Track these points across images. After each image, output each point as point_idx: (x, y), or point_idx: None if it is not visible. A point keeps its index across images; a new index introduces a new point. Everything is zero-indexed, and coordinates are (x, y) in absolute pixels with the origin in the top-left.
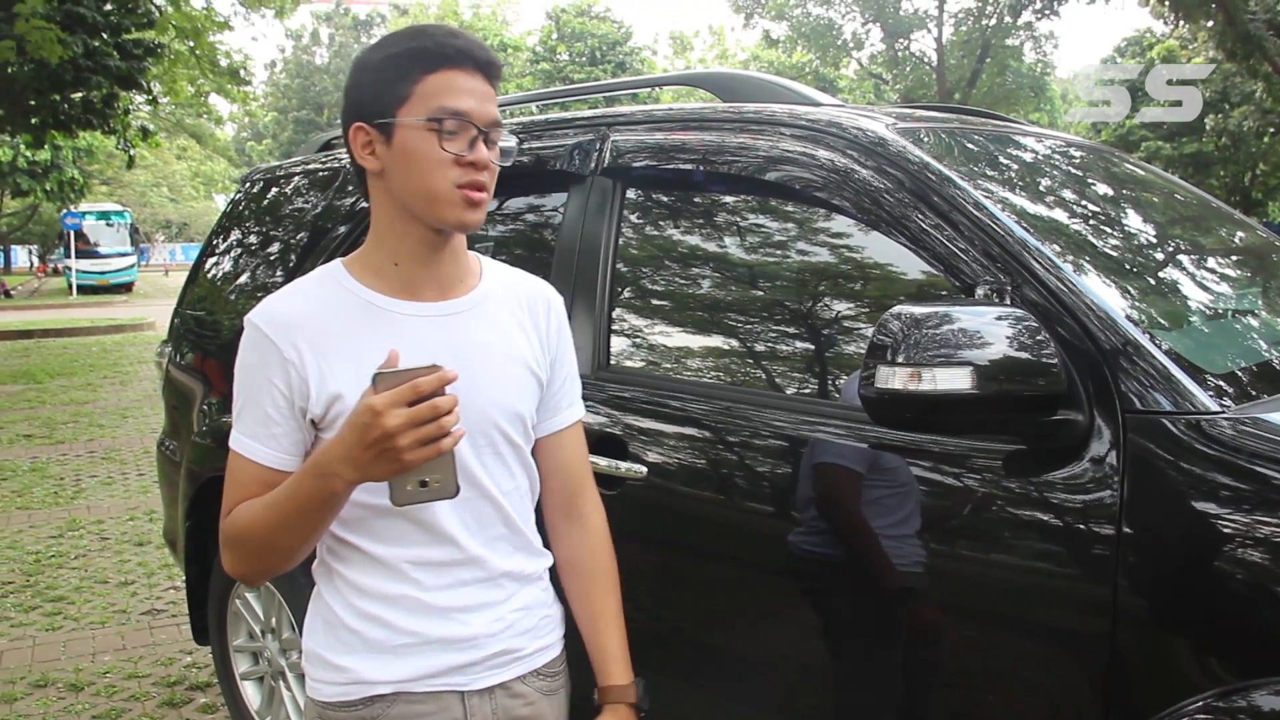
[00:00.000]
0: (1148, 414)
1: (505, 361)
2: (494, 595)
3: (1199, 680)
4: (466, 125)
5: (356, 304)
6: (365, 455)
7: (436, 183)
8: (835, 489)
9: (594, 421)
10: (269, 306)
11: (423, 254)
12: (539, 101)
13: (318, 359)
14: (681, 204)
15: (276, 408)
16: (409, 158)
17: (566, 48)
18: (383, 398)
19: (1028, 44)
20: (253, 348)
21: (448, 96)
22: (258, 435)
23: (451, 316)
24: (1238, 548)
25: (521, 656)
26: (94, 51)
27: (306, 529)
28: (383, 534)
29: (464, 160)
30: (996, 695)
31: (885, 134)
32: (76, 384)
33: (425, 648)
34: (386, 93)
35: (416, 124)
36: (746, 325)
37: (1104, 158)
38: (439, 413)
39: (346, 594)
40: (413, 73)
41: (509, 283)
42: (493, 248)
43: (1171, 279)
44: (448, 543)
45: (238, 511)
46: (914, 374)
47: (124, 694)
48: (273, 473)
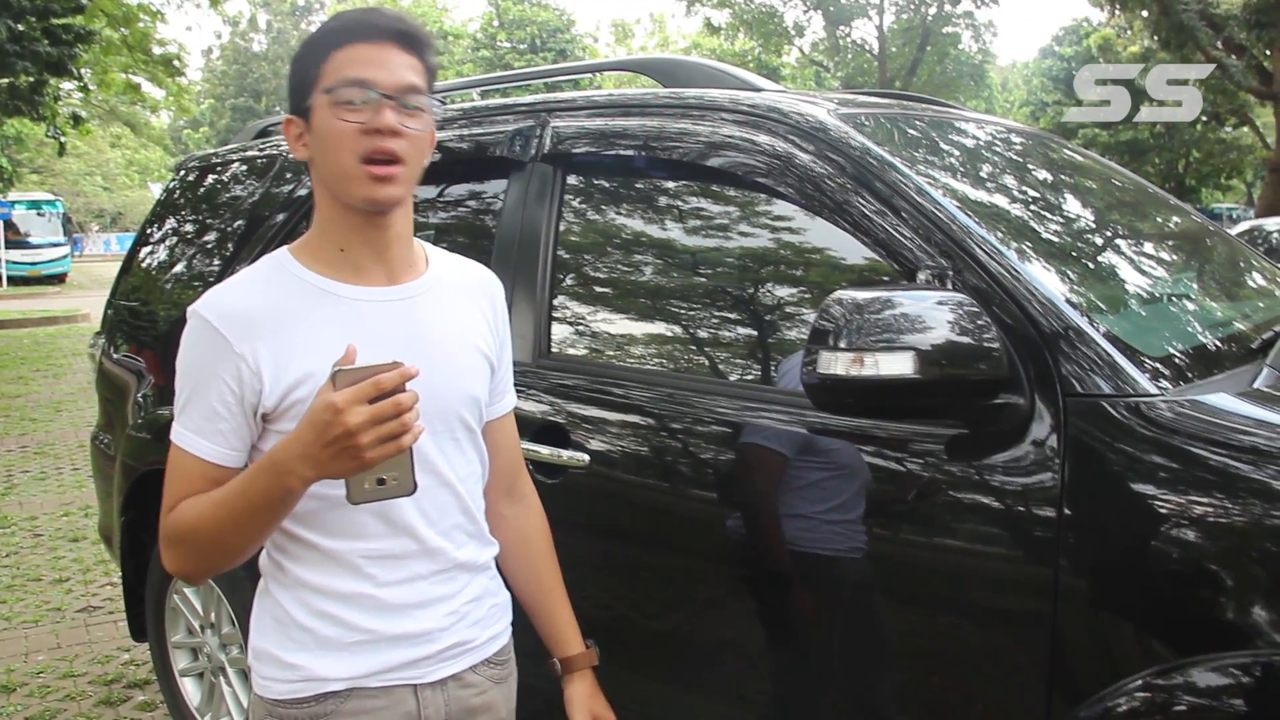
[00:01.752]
0: (1088, 397)
1: (461, 346)
2: (448, 588)
3: (1139, 659)
4: (368, 95)
5: (309, 291)
6: (324, 453)
7: (343, 159)
8: (759, 471)
9: (535, 410)
10: (218, 299)
11: (364, 238)
12: (480, 88)
13: (272, 352)
14: (622, 190)
15: (224, 404)
16: (320, 138)
17: (507, 35)
18: (344, 395)
19: (967, 32)
20: (200, 341)
21: (349, 68)
22: (203, 431)
23: (406, 301)
24: (1175, 528)
25: (473, 647)
26: (20, 36)
27: (258, 527)
28: (336, 527)
29: (367, 128)
30: (940, 678)
31: (826, 119)
32: (7, 377)
33: (380, 644)
34: (304, 80)
35: (323, 100)
36: (688, 312)
37: (1043, 144)
38: (400, 410)
39: (298, 591)
40: (322, 53)
41: (455, 269)
42: (434, 235)
43: (1110, 263)
44: (405, 534)
45: (182, 509)
46: (856, 359)
47: (59, 694)
48: (218, 469)
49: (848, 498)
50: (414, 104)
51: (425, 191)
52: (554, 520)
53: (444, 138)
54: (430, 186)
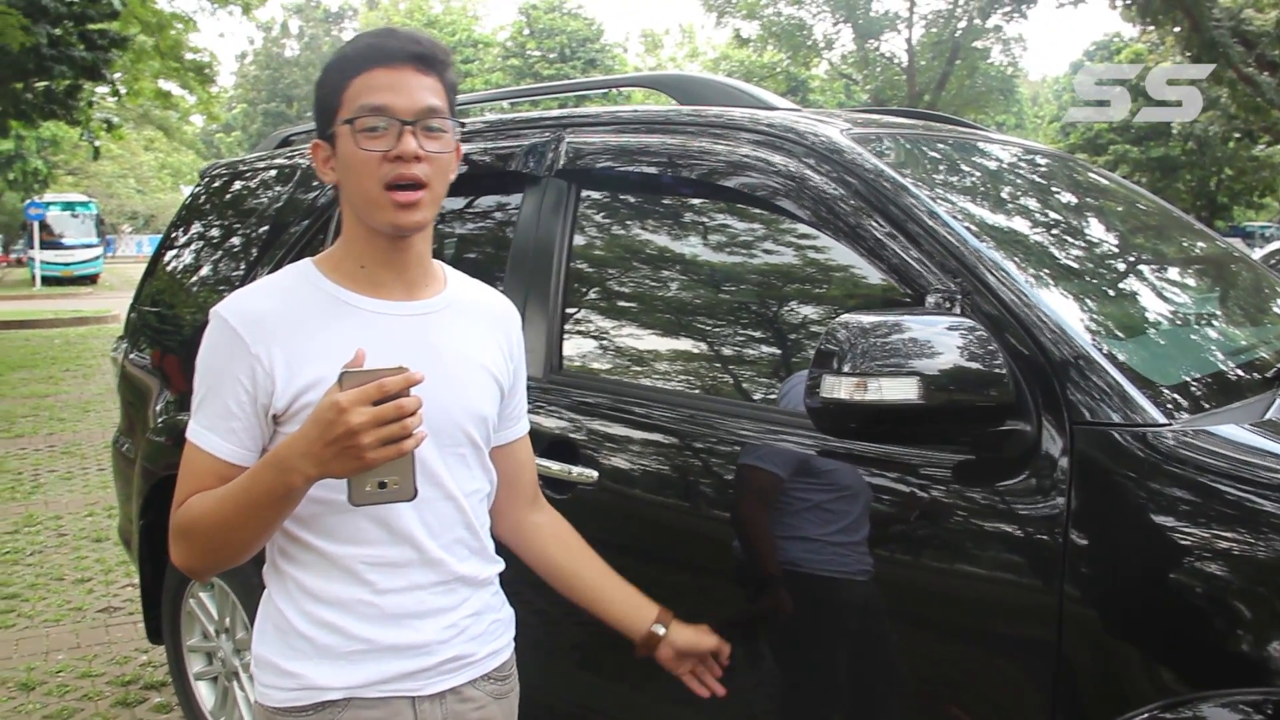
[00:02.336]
0: (1096, 425)
1: (472, 366)
2: (448, 600)
3: (1145, 691)
4: (390, 121)
5: (328, 301)
6: (327, 451)
7: (366, 185)
8: (751, 491)
9: (546, 425)
10: (239, 302)
11: (385, 258)
12: (492, 101)
13: (287, 355)
14: (636, 206)
15: (238, 403)
16: (345, 165)
17: (537, 44)
18: (348, 395)
19: (997, 46)
20: (220, 341)
21: (368, 94)
22: (216, 428)
23: (421, 317)
24: (1183, 559)
25: (473, 662)
26: (58, 40)
27: (260, 524)
28: (338, 532)
29: (390, 156)
30: (944, 704)
31: (840, 140)
32: (38, 377)
33: (378, 654)
34: (326, 106)
35: (345, 128)
36: (700, 329)
37: (1065, 166)
38: (403, 413)
39: (298, 598)
40: (342, 81)
41: (473, 293)
42: (450, 248)
43: (1126, 289)
44: (405, 542)
45: (191, 503)
46: (860, 383)
47: (77, 693)
48: (229, 466)
49: (852, 521)
50: (435, 126)
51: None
52: None
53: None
54: (435, 195)
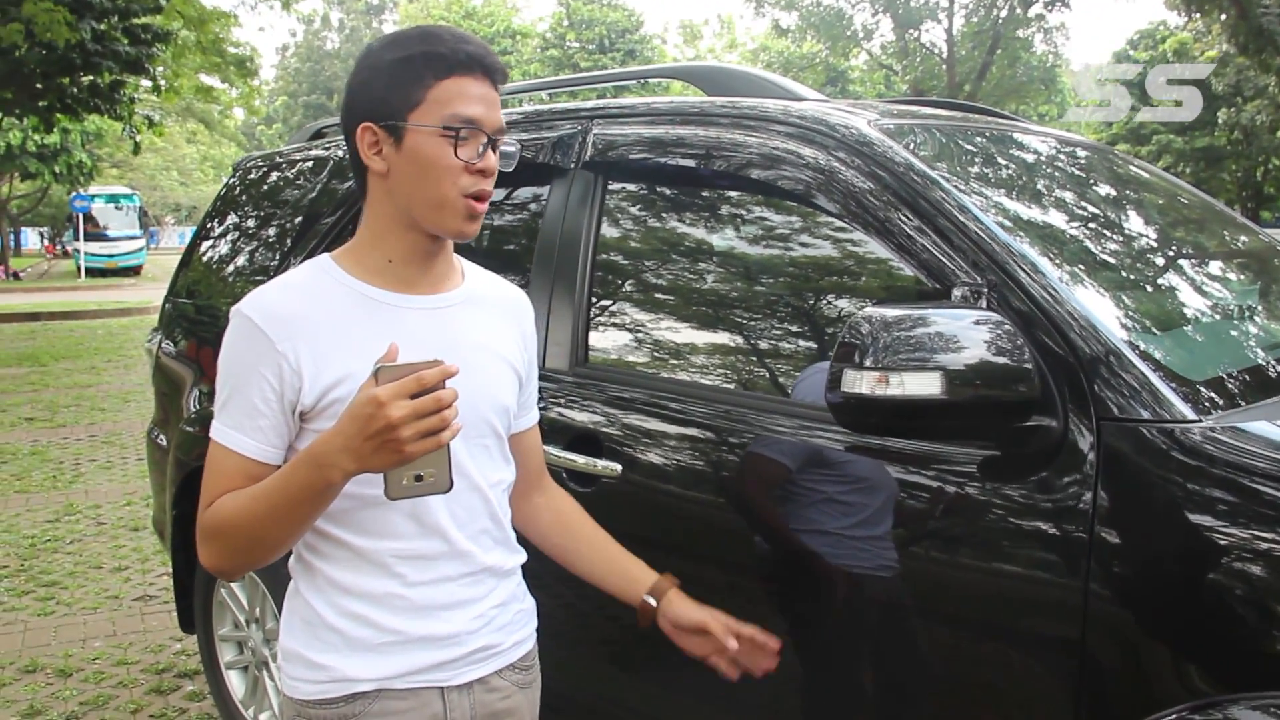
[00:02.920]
0: (1124, 421)
1: (493, 357)
2: (475, 591)
3: (1173, 691)
4: (477, 133)
5: (350, 296)
6: (366, 446)
7: (446, 190)
8: (758, 480)
9: (571, 418)
10: (261, 299)
11: (418, 256)
12: (528, 92)
13: (312, 352)
14: (663, 199)
15: (265, 400)
16: (420, 163)
17: (576, 35)
18: (387, 389)
19: (1038, 36)
20: (244, 339)
21: (461, 103)
22: (243, 427)
23: (444, 310)
24: (1211, 558)
25: (500, 651)
26: (102, 36)
27: (296, 521)
28: (369, 526)
29: (474, 168)
30: (967, 702)
31: (870, 133)
32: (80, 367)
33: (408, 645)
34: (397, 95)
35: (430, 129)
36: (726, 323)
37: (1105, 158)
38: (441, 405)
39: (328, 592)
40: (425, 77)
41: (491, 285)
42: (474, 241)
43: (1162, 283)
44: (435, 535)
45: (221, 504)
46: (881, 378)
47: (112, 680)
48: (257, 465)
49: (871, 515)
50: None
51: None
52: None
53: None
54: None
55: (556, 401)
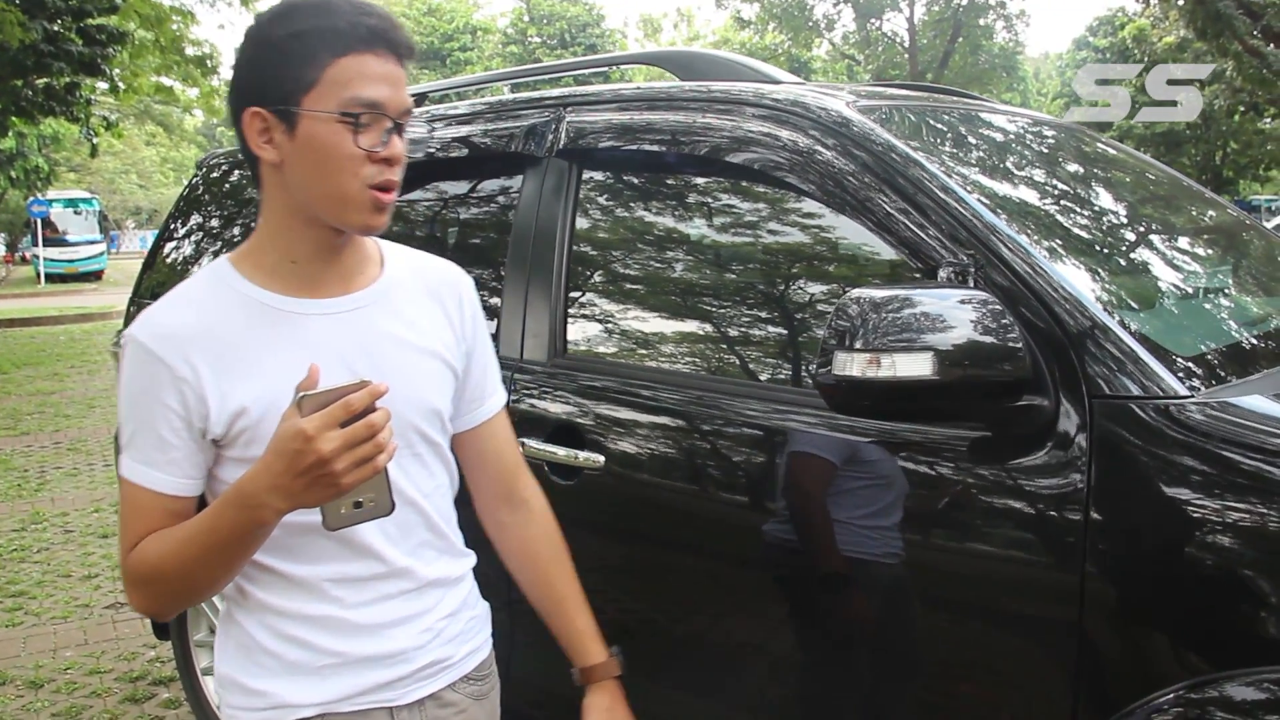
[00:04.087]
0: (1115, 399)
1: (418, 355)
2: (420, 605)
3: (1171, 670)
4: (380, 117)
5: (252, 307)
6: (297, 484)
7: (346, 182)
8: (808, 478)
9: (550, 410)
10: (154, 320)
11: (323, 252)
12: (498, 83)
13: (216, 374)
14: (640, 186)
15: (173, 430)
16: (317, 153)
17: (537, 30)
18: (314, 421)
19: (999, 23)
20: (140, 367)
21: (361, 84)
22: (154, 462)
23: (356, 311)
24: (1206, 535)
25: (451, 664)
26: (56, 37)
27: (229, 561)
28: (299, 552)
29: (377, 156)
30: (965, 685)
31: (848, 114)
32: (43, 374)
33: (350, 667)
34: (290, 76)
35: (327, 115)
36: (706, 310)
37: (1075, 137)
38: (375, 430)
39: (262, 615)
40: (321, 55)
41: (416, 269)
42: (448, 232)
43: (1141, 260)
44: (369, 556)
45: (145, 548)
46: (873, 360)
47: (85, 690)
48: (175, 500)
49: (880, 502)
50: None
51: (438, 187)
52: (569, 522)
53: (459, 133)
54: (445, 182)
55: (536, 393)
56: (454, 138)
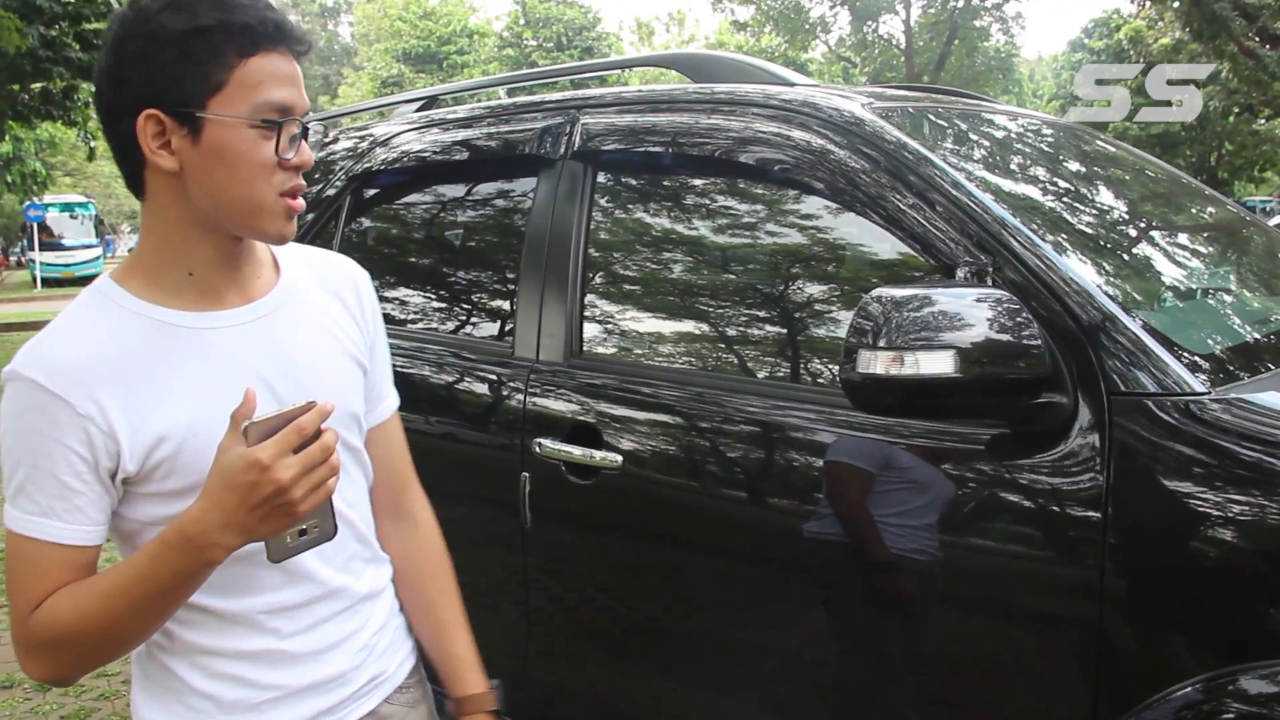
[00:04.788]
0: (1133, 396)
1: (331, 358)
2: (354, 624)
3: (1188, 665)
4: (290, 123)
5: (150, 328)
6: (253, 516)
7: (260, 191)
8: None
9: (567, 410)
10: (43, 353)
11: (222, 260)
12: (511, 85)
13: (123, 407)
14: (654, 187)
15: (76, 474)
16: (227, 161)
17: (534, 33)
18: (268, 449)
19: (995, 25)
20: (31, 408)
21: (272, 88)
22: (53, 511)
23: (261, 320)
24: (1224, 531)
25: (386, 677)
26: (52, 42)
27: (166, 609)
28: (232, 587)
29: (290, 163)
30: (983, 681)
31: (861, 114)
32: None
33: (291, 699)
34: (193, 76)
35: (238, 121)
36: (722, 310)
37: (1076, 136)
38: (329, 452)
39: (192, 657)
40: (227, 55)
41: (312, 265)
42: (461, 235)
43: (1150, 258)
44: (305, 580)
45: (56, 607)
46: (896, 358)
47: (93, 693)
48: (82, 551)
49: (903, 500)
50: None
51: (452, 191)
52: (587, 522)
53: (471, 136)
54: (457, 186)
55: (551, 394)
56: (467, 141)
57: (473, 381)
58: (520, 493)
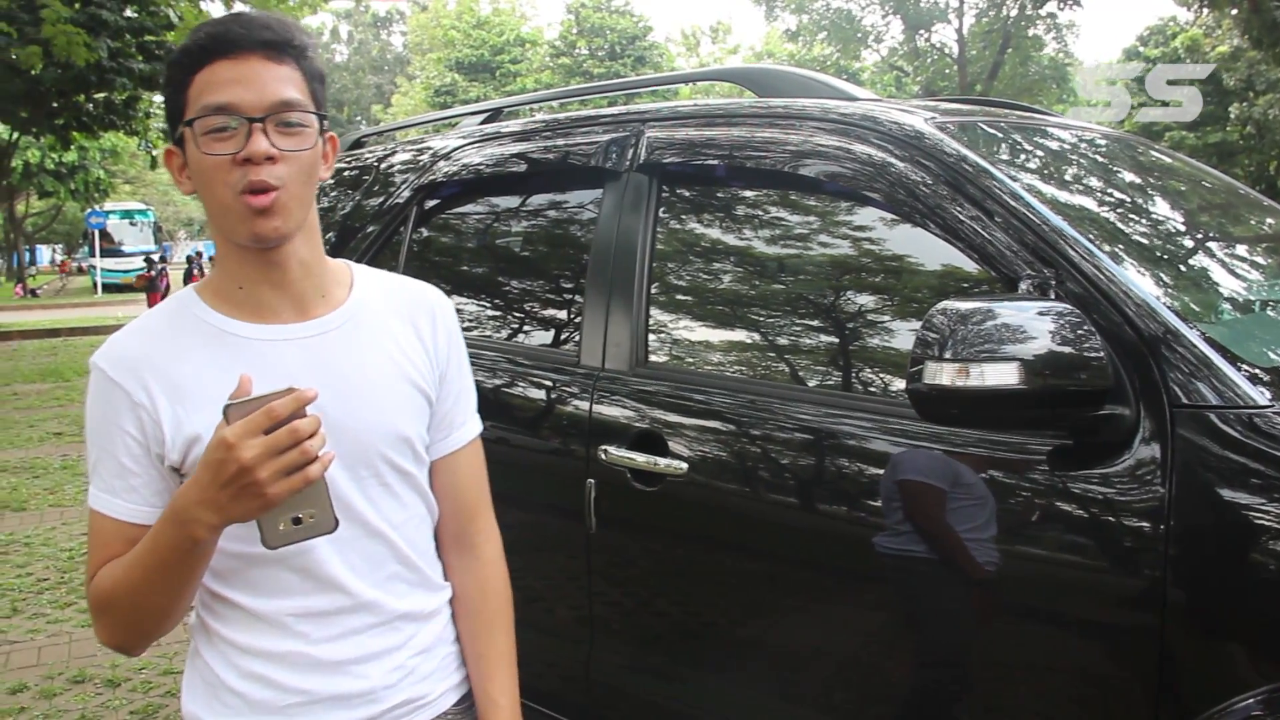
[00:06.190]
0: (1195, 408)
1: (386, 381)
2: (391, 640)
3: (1249, 677)
4: (237, 119)
5: (209, 333)
6: (223, 495)
7: (220, 193)
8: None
9: (632, 418)
10: (114, 347)
11: (262, 274)
12: (573, 98)
13: (171, 400)
14: (717, 200)
15: (132, 456)
16: (197, 173)
17: (586, 42)
18: (234, 429)
19: (1049, 34)
20: (101, 394)
21: (209, 92)
22: (115, 489)
23: (317, 338)
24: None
25: (427, 703)
26: (117, 53)
27: (174, 584)
28: (261, 585)
29: (237, 159)
30: (1043, 691)
31: (922, 127)
32: None
33: (317, 706)
34: (173, 107)
35: (188, 131)
36: (784, 320)
37: (1131, 147)
38: (299, 437)
39: (227, 652)
40: (183, 77)
41: (388, 291)
42: (521, 246)
43: (1210, 270)
44: (334, 589)
45: (102, 575)
46: (962, 370)
47: (160, 690)
48: (135, 528)
49: (968, 512)
50: (292, 121)
51: (515, 202)
52: (651, 528)
53: (534, 149)
54: (520, 197)
55: (616, 403)
56: (530, 153)
57: (538, 390)
58: (585, 498)
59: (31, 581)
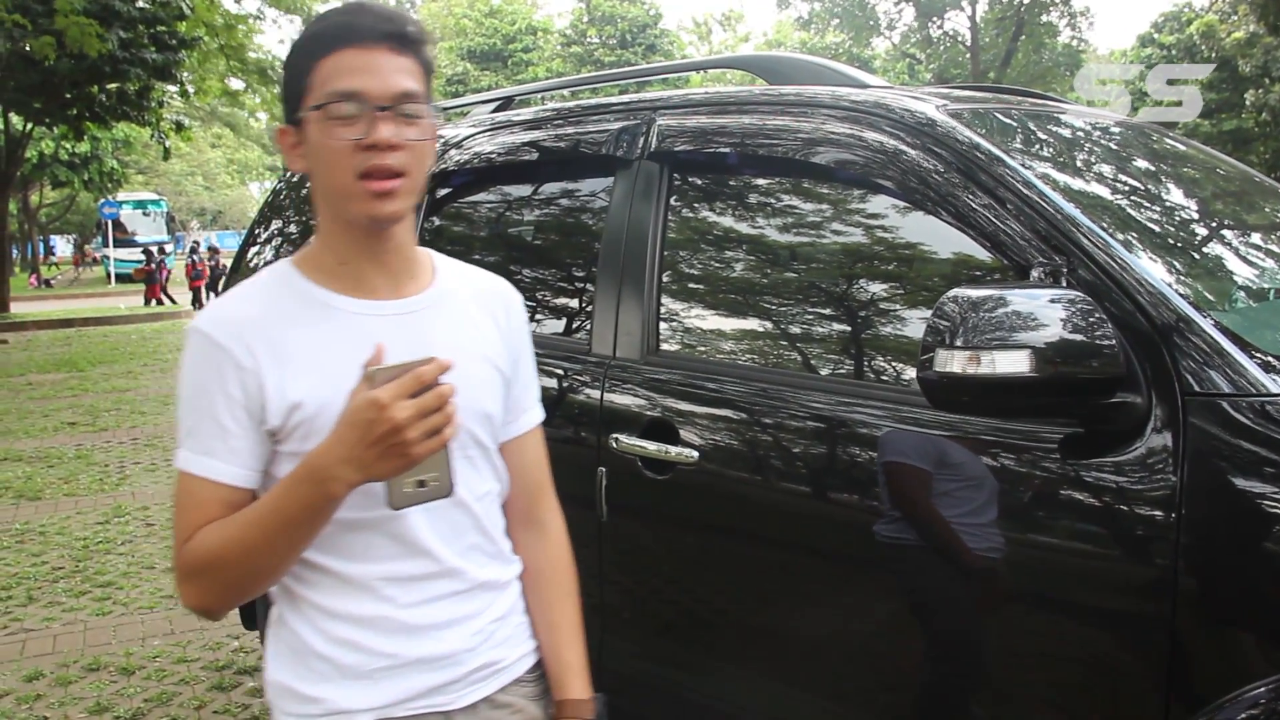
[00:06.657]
0: (1207, 396)
1: (471, 360)
2: (470, 607)
3: (1260, 666)
4: (360, 105)
5: (311, 304)
6: (370, 453)
7: (339, 175)
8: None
9: (643, 406)
10: (218, 312)
11: (366, 252)
12: (583, 86)
13: (275, 364)
14: (729, 187)
15: (235, 419)
16: (317, 153)
17: (597, 31)
18: (387, 390)
19: (1063, 21)
20: (203, 357)
21: (337, 79)
22: (214, 451)
23: (411, 315)
24: None
25: (503, 667)
26: (130, 44)
27: (294, 545)
28: (353, 550)
29: (361, 144)
30: (1054, 679)
31: (934, 114)
32: (118, 372)
33: (403, 669)
34: (294, 90)
35: (314, 114)
36: (796, 309)
37: (1145, 134)
38: (444, 399)
39: (315, 618)
40: (308, 62)
41: (467, 280)
42: (533, 234)
43: (1223, 258)
44: (423, 555)
45: (203, 538)
46: (973, 357)
47: (174, 677)
48: (235, 491)
49: (975, 500)
50: (411, 111)
51: (526, 190)
52: (662, 516)
53: (545, 137)
54: (531, 185)
55: (627, 391)
56: (541, 142)
57: (549, 378)
58: (597, 487)
59: (47, 570)
